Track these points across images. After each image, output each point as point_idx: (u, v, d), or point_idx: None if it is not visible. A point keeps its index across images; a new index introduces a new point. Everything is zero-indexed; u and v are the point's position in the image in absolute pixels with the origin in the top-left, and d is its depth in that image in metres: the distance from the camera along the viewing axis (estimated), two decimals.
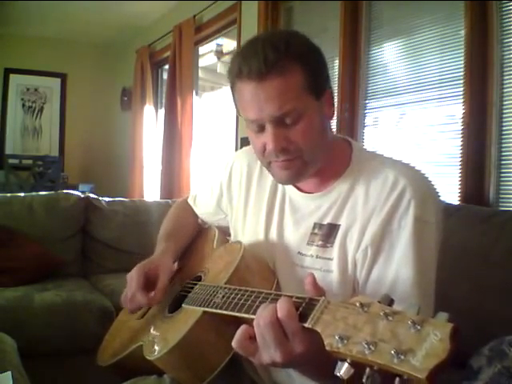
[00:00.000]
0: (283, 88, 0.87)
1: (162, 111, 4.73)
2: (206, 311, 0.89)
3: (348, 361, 0.58)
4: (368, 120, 2.57)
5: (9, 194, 2.82)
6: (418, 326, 0.55)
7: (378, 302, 0.61)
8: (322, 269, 0.92)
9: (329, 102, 0.96)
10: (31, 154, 5.33)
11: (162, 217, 1.34)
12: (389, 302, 0.61)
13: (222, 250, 1.09)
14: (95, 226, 2.77)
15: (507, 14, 1.86)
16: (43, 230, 2.59)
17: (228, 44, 4.14)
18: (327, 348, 0.60)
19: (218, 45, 4.24)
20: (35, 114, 5.72)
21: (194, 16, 3.88)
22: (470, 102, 1.91)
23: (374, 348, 0.56)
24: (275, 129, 0.89)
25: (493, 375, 0.97)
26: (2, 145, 5.52)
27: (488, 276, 1.48)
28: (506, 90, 1.87)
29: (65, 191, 2.86)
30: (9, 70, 5.51)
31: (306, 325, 0.65)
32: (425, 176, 0.95)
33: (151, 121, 4.81)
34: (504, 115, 1.88)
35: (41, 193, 2.84)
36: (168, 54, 4.34)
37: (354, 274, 0.91)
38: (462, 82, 1.97)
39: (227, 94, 0.96)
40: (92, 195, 2.91)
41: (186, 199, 1.35)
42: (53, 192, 3.04)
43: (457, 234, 1.55)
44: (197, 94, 4.18)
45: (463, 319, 1.46)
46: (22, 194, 2.80)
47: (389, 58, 2.46)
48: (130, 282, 1.07)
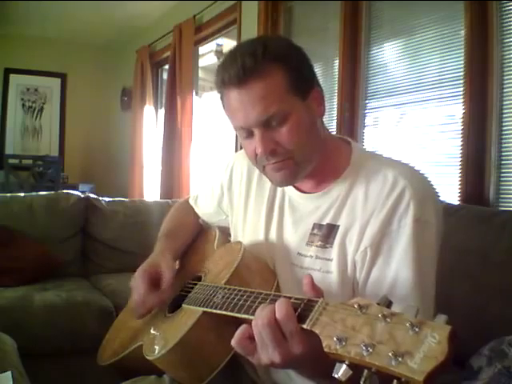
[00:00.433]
0: (265, 91, 0.88)
1: (162, 111, 4.73)
2: (205, 311, 0.89)
3: (346, 362, 0.58)
4: (368, 120, 2.56)
5: (9, 194, 2.82)
6: (416, 329, 0.55)
7: (377, 303, 0.61)
8: (322, 269, 0.92)
9: (317, 101, 0.96)
10: (31, 154, 5.33)
11: (162, 217, 1.34)
12: (387, 303, 0.61)
13: (223, 251, 1.09)
14: (95, 225, 2.77)
15: (507, 14, 1.86)
16: (43, 230, 2.59)
17: (228, 44, 4.13)
18: (325, 349, 0.60)
19: (218, 45, 4.23)
20: (35, 114, 5.72)
21: (194, 16, 3.88)
22: (469, 102, 1.91)
23: (371, 350, 0.56)
24: (263, 132, 0.91)
25: (493, 375, 0.97)
26: (2, 145, 5.52)
27: (488, 276, 1.48)
28: (506, 90, 1.87)
29: (65, 191, 2.86)
30: (9, 70, 5.52)
31: (305, 326, 0.65)
32: (424, 176, 0.95)
33: (151, 121, 4.81)
34: (504, 115, 1.87)
35: (41, 193, 2.84)
36: (168, 54, 4.34)
37: (354, 275, 0.90)
38: (462, 81, 1.97)
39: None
40: (92, 195, 2.90)
41: (188, 199, 1.35)
42: (53, 192, 3.04)
43: (457, 234, 1.55)
44: (197, 93, 4.18)
45: (463, 319, 1.46)
46: (22, 194, 2.80)
47: (389, 58, 2.45)
48: (136, 288, 1.06)
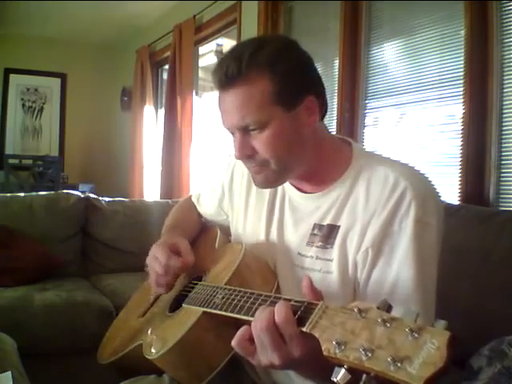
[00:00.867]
0: (244, 99, 0.88)
1: (162, 111, 4.73)
2: (205, 311, 0.89)
3: (345, 366, 0.57)
4: (368, 120, 2.56)
5: (9, 194, 2.82)
6: (416, 334, 0.54)
7: (377, 307, 0.61)
8: (322, 270, 0.92)
9: (310, 110, 0.92)
10: (31, 154, 5.32)
11: (162, 217, 1.34)
12: (387, 307, 0.61)
13: (224, 251, 1.09)
14: (95, 225, 2.77)
15: (507, 14, 1.86)
16: (43, 230, 2.59)
17: (228, 44, 4.13)
18: (324, 353, 0.59)
19: (218, 45, 4.23)
20: (35, 114, 5.72)
21: (194, 16, 3.88)
22: (469, 102, 1.91)
23: (370, 354, 0.55)
24: (241, 137, 0.93)
25: (493, 375, 0.97)
26: (2, 145, 5.52)
27: (488, 276, 1.48)
28: (506, 90, 1.87)
29: (65, 191, 2.85)
30: (9, 70, 5.51)
31: (304, 329, 0.65)
32: (425, 177, 0.94)
33: (151, 121, 4.81)
34: (504, 115, 1.87)
35: (41, 193, 2.84)
36: (168, 54, 4.34)
37: (355, 276, 0.90)
38: (462, 81, 1.97)
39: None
40: (92, 195, 2.90)
41: (190, 198, 1.35)
42: (53, 192, 3.04)
43: (457, 233, 1.55)
44: (197, 93, 4.18)
45: (463, 319, 1.46)
46: (22, 194, 2.80)
47: (389, 58, 2.45)
48: (157, 258, 1.04)
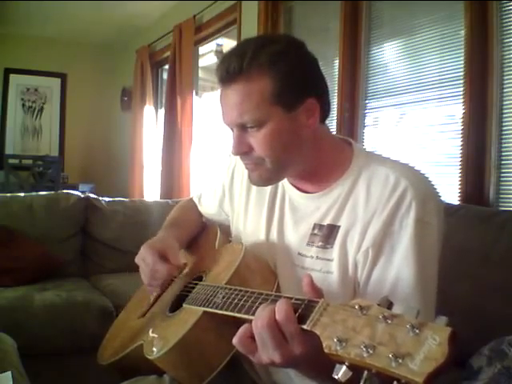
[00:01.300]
0: (243, 96, 0.89)
1: (162, 111, 4.73)
2: (206, 311, 0.89)
3: (346, 363, 0.57)
4: (368, 120, 2.56)
5: (9, 194, 2.82)
6: (417, 330, 0.54)
7: (378, 304, 0.61)
8: (322, 270, 0.92)
9: (309, 113, 0.92)
10: (31, 154, 5.32)
11: (162, 217, 1.34)
12: (388, 304, 0.61)
13: (224, 251, 1.09)
14: (95, 226, 2.77)
15: (507, 14, 1.86)
16: (43, 230, 2.59)
17: (228, 44, 4.13)
18: (326, 350, 0.59)
19: (218, 45, 4.22)
20: (35, 114, 5.72)
21: (194, 16, 3.88)
22: (469, 102, 1.91)
23: (372, 351, 0.55)
24: (238, 133, 0.93)
25: (493, 375, 0.97)
26: (2, 145, 5.52)
27: (488, 276, 1.48)
28: (506, 90, 1.87)
29: (65, 191, 2.86)
30: (9, 70, 5.51)
31: (305, 327, 0.65)
32: (425, 177, 0.94)
33: (151, 121, 4.81)
34: (504, 115, 1.87)
35: (41, 193, 2.84)
36: (168, 54, 4.34)
37: (355, 275, 0.90)
38: (462, 81, 1.97)
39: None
40: (92, 195, 2.90)
41: (192, 198, 1.36)
42: (53, 192, 3.04)
43: (457, 234, 1.55)
44: (197, 93, 4.18)
45: (463, 319, 1.46)
46: (22, 194, 2.80)
47: (389, 58, 2.45)
48: (145, 260, 1.08)
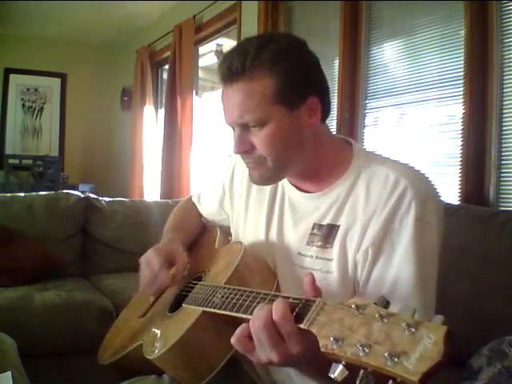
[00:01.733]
0: (245, 95, 0.88)
1: (162, 111, 4.73)
2: (205, 311, 0.89)
3: (343, 362, 0.57)
4: (368, 120, 2.57)
5: (9, 194, 2.82)
6: (413, 329, 0.54)
7: (374, 303, 0.61)
8: (322, 269, 0.92)
9: (312, 112, 0.92)
10: (31, 154, 5.33)
11: (162, 217, 1.34)
12: (385, 304, 0.61)
13: (223, 251, 1.09)
14: (95, 226, 2.77)
15: (507, 14, 1.86)
16: (43, 230, 2.59)
17: (228, 44, 4.13)
18: (322, 349, 0.59)
19: (218, 45, 4.23)
20: (35, 114, 5.72)
21: (194, 16, 3.88)
22: (469, 102, 1.91)
23: (368, 350, 0.55)
24: (240, 132, 0.93)
25: (493, 375, 0.97)
26: (2, 145, 5.52)
27: (488, 276, 1.48)
28: (506, 90, 1.87)
29: (65, 191, 2.86)
30: (9, 70, 5.51)
31: (302, 326, 0.65)
32: (425, 177, 0.94)
33: (151, 121, 4.81)
34: (504, 115, 1.88)
35: (41, 193, 2.84)
36: (168, 54, 4.34)
37: (355, 275, 0.90)
38: (462, 81, 1.97)
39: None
40: (92, 195, 2.90)
41: (191, 198, 1.35)
42: (53, 192, 3.04)
43: (457, 234, 1.55)
44: (197, 93, 4.18)
45: (463, 319, 1.46)
46: (22, 194, 2.80)
47: (389, 58, 2.45)
48: (149, 264, 1.06)
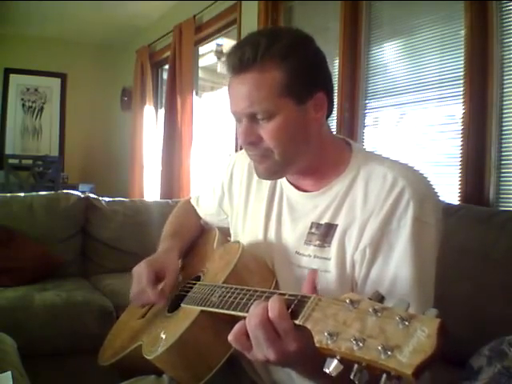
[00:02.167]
0: (255, 86, 0.88)
1: (162, 111, 4.73)
2: (203, 310, 0.89)
3: (337, 357, 0.58)
4: (368, 120, 2.56)
5: (9, 194, 2.82)
6: (406, 322, 0.55)
7: (369, 298, 0.61)
8: (320, 269, 0.92)
9: (318, 107, 0.93)
10: (31, 154, 5.33)
11: (162, 217, 1.34)
12: (379, 298, 0.61)
13: (222, 250, 1.09)
14: (95, 226, 2.77)
15: (507, 14, 1.86)
16: (43, 229, 2.59)
17: (228, 44, 4.14)
18: (317, 345, 0.60)
19: (218, 45, 4.23)
20: (35, 114, 5.72)
21: (194, 16, 3.88)
22: (469, 102, 1.91)
23: (362, 344, 0.56)
24: (247, 123, 0.92)
25: (493, 375, 0.97)
26: (2, 145, 5.52)
27: (488, 276, 1.48)
28: (506, 90, 1.87)
29: (65, 191, 2.86)
30: (9, 70, 5.52)
31: (297, 322, 0.65)
32: (423, 176, 0.94)
33: (151, 121, 4.81)
34: (504, 115, 1.87)
35: (41, 193, 2.84)
36: (168, 54, 4.34)
37: (352, 274, 0.90)
38: (462, 81, 1.97)
39: (227, 94, 0.97)
40: (92, 195, 2.90)
41: (189, 200, 1.35)
42: (53, 192, 3.04)
43: (457, 233, 1.55)
44: (197, 94, 4.18)
45: (463, 319, 1.46)
46: (22, 194, 2.80)
47: (389, 58, 2.45)
48: (139, 278, 1.06)
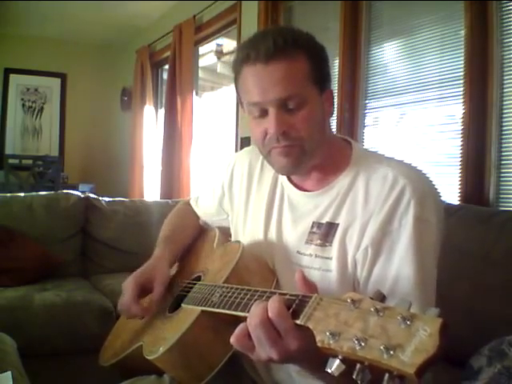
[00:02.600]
0: (289, 72, 0.89)
1: (162, 111, 4.73)
2: (204, 310, 0.89)
3: (339, 357, 0.57)
4: (368, 120, 2.57)
5: (9, 194, 2.82)
6: (408, 322, 0.55)
7: (371, 298, 0.61)
8: (321, 268, 0.92)
9: (329, 101, 0.98)
10: (31, 154, 5.32)
11: (162, 217, 1.34)
12: (381, 298, 0.61)
13: (222, 250, 1.09)
14: (95, 226, 2.77)
15: (507, 14, 1.86)
16: (43, 229, 2.60)
17: (228, 44, 4.14)
18: (319, 344, 0.60)
19: (218, 45, 4.23)
20: (35, 114, 5.72)
21: (194, 16, 3.88)
22: (470, 102, 1.91)
23: (364, 344, 0.56)
24: (278, 112, 0.90)
25: (493, 375, 0.97)
26: (2, 145, 5.51)
27: (488, 276, 1.48)
28: (506, 90, 1.87)
29: (65, 191, 2.86)
30: (9, 70, 5.51)
31: (298, 322, 0.65)
32: (425, 175, 0.94)
33: (151, 121, 4.81)
34: (504, 115, 1.88)
35: (41, 193, 2.84)
36: (168, 54, 4.34)
37: (354, 274, 0.90)
38: (462, 81, 1.97)
39: (227, 93, 0.97)
40: (92, 195, 2.90)
41: (188, 201, 1.35)
42: (53, 192, 3.04)
43: (457, 234, 1.55)
44: (197, 94, 4.18)
45: (463, 319, 1.46)
46: (22, 194, 2.80)
47: (389, 58, 2.45)
48: (126, 292, 1.07)
